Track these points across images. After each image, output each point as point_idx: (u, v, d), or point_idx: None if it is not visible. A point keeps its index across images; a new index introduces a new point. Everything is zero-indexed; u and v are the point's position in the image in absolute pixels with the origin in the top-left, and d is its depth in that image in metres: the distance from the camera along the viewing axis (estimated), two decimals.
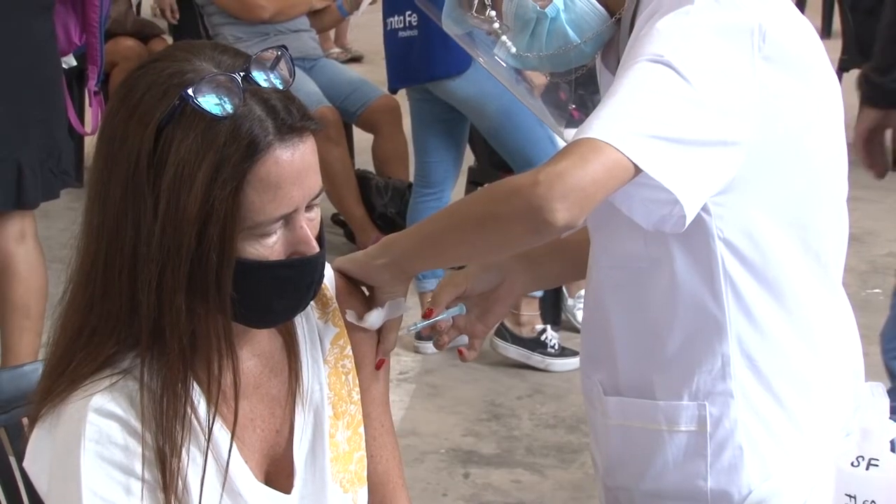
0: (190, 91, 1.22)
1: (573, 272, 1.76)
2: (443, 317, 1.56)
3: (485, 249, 1.42)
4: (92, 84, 3.27)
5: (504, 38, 1.55)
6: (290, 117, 1.26)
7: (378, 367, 1.50)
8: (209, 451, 1.31)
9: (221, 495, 1.33)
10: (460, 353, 1.62)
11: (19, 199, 3.04)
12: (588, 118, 1.34)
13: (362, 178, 4.81)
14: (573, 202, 1.28)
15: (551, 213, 1.28)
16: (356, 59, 7.98)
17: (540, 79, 2.59)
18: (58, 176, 3.13)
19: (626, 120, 1.31)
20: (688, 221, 1.36)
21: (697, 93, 1.33)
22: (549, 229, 1.30)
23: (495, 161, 4.25)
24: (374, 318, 1.48)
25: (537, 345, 3.84)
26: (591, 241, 1.58)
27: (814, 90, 1.46)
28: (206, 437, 1.31)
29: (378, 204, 4.77)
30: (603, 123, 1.31)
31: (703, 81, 1.34)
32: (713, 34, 1.37)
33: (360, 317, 1.48)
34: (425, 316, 1.56)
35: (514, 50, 1.56)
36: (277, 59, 1.28)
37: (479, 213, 1.37)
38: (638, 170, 1.31)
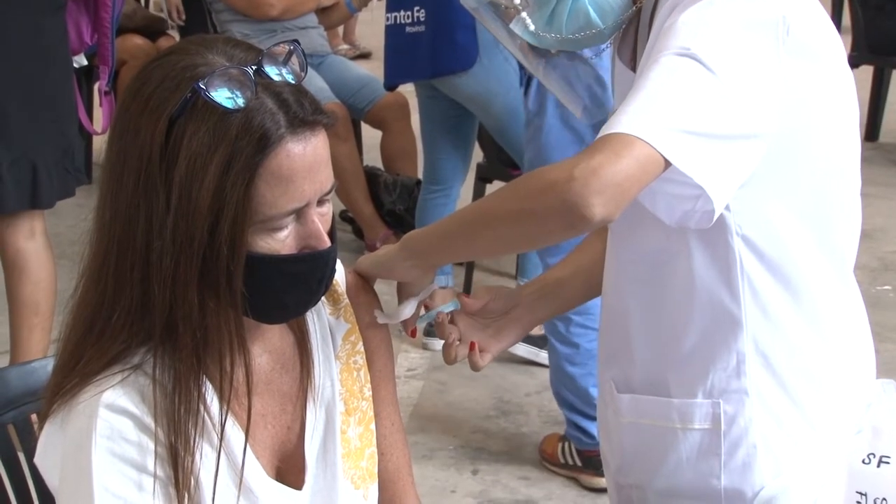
0: (202, 84, 1.22)
1: (589, 294, 1.74)
2: (438, 310, 1.56)
3: (518, 244, 1.43)
4: (103, 83, 3.28)
5: (523, 14, 1.54)
6: (301, 111, 1.25)
7: (413, 335, 1.57)
8: (222, 448, 1.31)
9: (238, 496, 1.32)
10: (471, 355, 1.60)
11: (34, 199, 3.05)
12: (616, 112, 1.34)
13: (370, 175, 4.81)
14: (609, 198, 1.27)
15: (589, 209, 1.27)
16: (364, 56, 7.98)
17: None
18: (73, 174, 3.13)
19: (656, 114, 1.31)
20: (715, 216, 1.35)
21: (725, 86, 1.32)
22: (586, 225, 1.29)
23: (504, 158, 4.25)
24: (408, 309, 1.52)
25: (546, 342, 3.83)
26: (611, 236, 1.57)
27: (832, 83, 1.45)
28: (219, 434, 1.30)
29: (386, 200, 4.76)
30: (633, 118, 1.30)
31: (730, 74, 1.33)
32: (738, 26, 1.36)
33: (386, 313, 1.49)
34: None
35: (532, 28, 1.53)
36: (290, 54, 1.28)
37: (513, 209, 1.36)
38: (668, 164, 1.30)
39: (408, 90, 4.47)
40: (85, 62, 3.39)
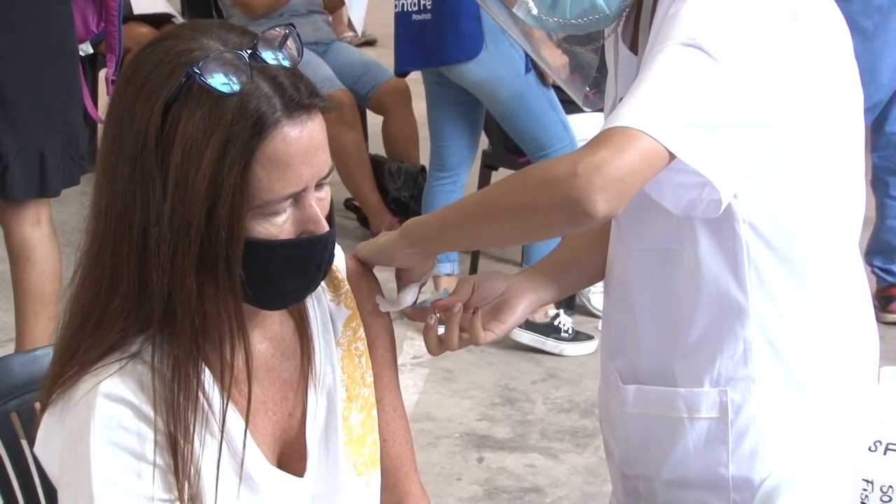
0: (197, 69, 1.21)
1: (588, 280, 1.73)
2: (434, 298, 1.55)
3: (520, 237, 1.43)
4: (110, 72, 3.29)
5: None
6: (297, 94, 1.24)
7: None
8: (222, 436, 1.31)
9: (239, 485, 1.32)
10: (473, 319, 1.54)
11: (42, 187, 3.06)
12: (620, 104, 1.32)
13: (375, 163, 4.81)
14: (613, 193, 1.27)
15: (592, 205, 1.27)
16: (370, 43, 7.97)
17: (560, 59, 2.57)
18: (77, 162, 3.15)
19: (660, 107, 1.30)
20: (723, 206, 1.35)
21: (731, 76, 1.31)
22: (590, 220, 1.29)
23: (509, 145, 4.25)
24: (410, 296, 1.52)
25: (551, 329, 3.83)
26: (616, 225, 1.56)
27: (838, 68, 1.44)
28: (219, 421, 1.30)
29: (391, 188, 4.76)
30: (636, 111, 1.29)
31: (736, 64, 1.32)
32: (744, 14, 1.35)
33: (388, 299, 1.49)
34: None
35: (534, 11, 1.52)
36: (285, 38, 1.27)
37: (516, 203, 1.35)
38: (672, 156, 1.29)
39: (412, 77, 4.46)
40: (91, 50, 3.39)
